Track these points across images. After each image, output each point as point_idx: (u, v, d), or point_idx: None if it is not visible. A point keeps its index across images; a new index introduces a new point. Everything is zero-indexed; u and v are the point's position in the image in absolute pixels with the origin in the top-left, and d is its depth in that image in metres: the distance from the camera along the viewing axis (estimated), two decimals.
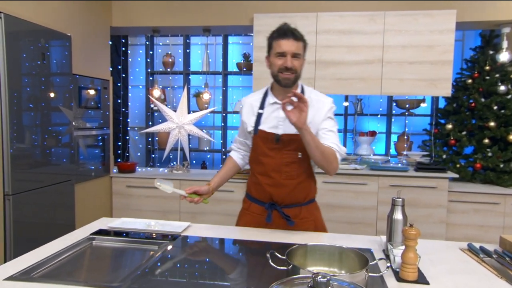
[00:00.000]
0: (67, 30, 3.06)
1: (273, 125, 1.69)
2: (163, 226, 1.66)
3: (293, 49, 1.57)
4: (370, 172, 3.35)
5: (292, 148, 1.66)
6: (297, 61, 1.60)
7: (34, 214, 2.71)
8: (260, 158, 1.70)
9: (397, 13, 3.31)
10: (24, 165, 2.63)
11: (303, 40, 1.63)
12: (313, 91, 1.77)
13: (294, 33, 1.58)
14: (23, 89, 2.59)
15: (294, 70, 1.60)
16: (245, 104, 1.82)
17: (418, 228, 1.19)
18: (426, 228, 3.30)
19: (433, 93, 3.35)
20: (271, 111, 1.71)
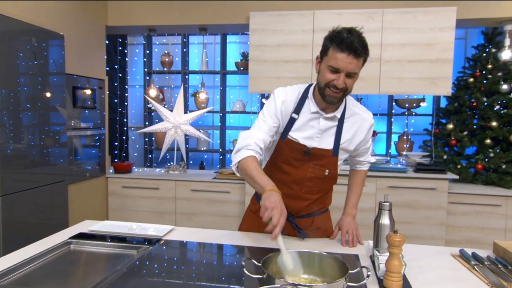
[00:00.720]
0: (60, 30, 3.03)
1: (308, 136, 1.51)
2: (146, 229, 1.61)
3: (350, 68, 1.33)
4: (368, 173, 3.26)
5: (321, 163, 1.52)
6: (350, 80, 1.37)
7: (25, 215, 2.68)
8: (281, 165, 1.55)
9: (395, 11, 3.24)
10: (15, 165, 2.60)
11: (366, 54, 1.37)
12: (356, 105, 1.57)
13: (356, 49, 1.31)
14: (15, 89, 2.57)
15: (344, 89, 1.38)
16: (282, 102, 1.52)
17: (402, 235, 1.13)
18: (426, 230, 3.22)
19: (433, 92, 3.28)
20: (308, 119, 1.50)
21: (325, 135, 1.52)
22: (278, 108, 1.51)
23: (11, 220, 2.55)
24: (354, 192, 1.73)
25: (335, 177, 1.59)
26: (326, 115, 1.49)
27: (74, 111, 3.28)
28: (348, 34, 1.33)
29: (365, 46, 1.36)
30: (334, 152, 1.53)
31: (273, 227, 1.15)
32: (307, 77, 3.40)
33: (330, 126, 1.52)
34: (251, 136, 1.46)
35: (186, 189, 3.59)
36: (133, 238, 1.50)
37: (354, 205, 1.71)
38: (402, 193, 3.23)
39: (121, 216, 3.74)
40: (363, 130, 1.56)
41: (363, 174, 1.75)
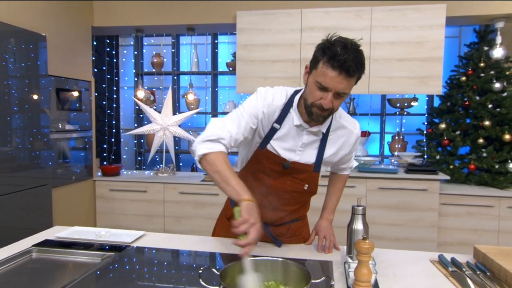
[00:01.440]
0: (44, 30, 2.98)
1: (289, 147, 1.38)
2: (115, 235, 1.56)
3: (339, 88, 1.19)
4: (358, 174, 3.22)
5: (300, 178, 1.42)
6: (338, 101, 1.24)
7: (6, 219, 2.63)
8: (259, 175, 1.44)
9: (384, 8, 3.18)
10: None
11: (361, 72, 1.22)
12: (342, 116, 1.43)
13: (349, 68, 1.15)
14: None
15: (331, 110, 1.26)
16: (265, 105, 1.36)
17: (371, 242, 1.07)
18: (417, 232, 3.16)
19: (423, 91, 3.21)
20: (290, 131, 1.37)
21: (307, 149, 1.41)
22: (260, 110, 1.35)
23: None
24: (333, 196, 1.65)
25: (315, 191, 1.51)
26: (311, 128, 1.37)
27: (58, 113, 3.22)
28: (342, 50, 1.16)
29: (361, 64, 1.20)
30: (315, 167, 1.42)
31: (247, 245, 1.03)
32: (296, 77, 3.34)
33: (313, 140, 1.40)
34: (226, 128, 1.30)
35: (174, 192, 3.53)
36: (100, 245, 1.45)
37: (332, 210, 1.64)
38: (392, 194, 3.17)
39: (109, 220, 3.69)
40: (349, 144, 1.46)
41: (344, 179, 1.67)
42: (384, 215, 3.19)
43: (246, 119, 1.34)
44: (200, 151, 1.25)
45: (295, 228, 1.58)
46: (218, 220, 1.68)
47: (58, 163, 3.28)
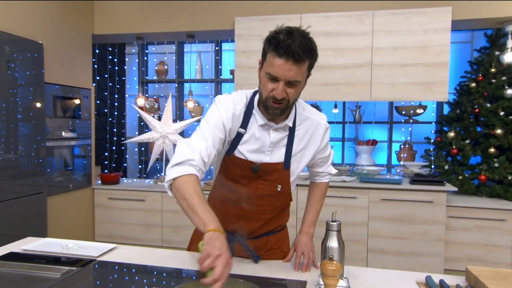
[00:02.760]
0: (42, 38, 2.99)
1: (257, 149, 1.31)
2: (83, 248, 1.48)
3: (289, 76, 1.14)
4: (360, 185, 3.08)
5: (271, 179, 1.34)
6: (292, 90, 1.18)
7: None
8: (228, 183, 1.37)
9: (386, 12, 3.06)
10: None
11: (311, 58, 1.15)
12: (306, 108, 1.39)
13: (294, 53, 1.10)
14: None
15: (285, 100, 1.20)
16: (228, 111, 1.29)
17: (338, 263, 0.95)
18: (423, 246, 2.98)
19: (428, 98, 3.06)
20: (256, 132, 1.31)
21: (277, 148, 1.34)
22: (224, 118, 1.28)
23: None
24: (312, 208, 1.53)
25: (289, 192, 1.41)
26: (276, 125, 1.31)
27: (56, 121, 3.22)
28: (286, 36, 1.12)
29: (308, 49, 1.13)
30: (285, 165, 1.34)
31: (214, 281, 0.91)
32: None
33: (281, 137, 1.34)
34: (194, 148, 1.19)
35: (172, 201, 3.46)
36: (66, 258, 1.37)
37: (312, 223, 1.51)
38: (396, 206, 3.01)
39: (107, 229, 3.65)
40: (318, 136, 1.39)
41: (323, 188, 1.56)
42: (388, 228, 3.03)
43: (213, 131, 1.26)
44: (167, 177, 1.16)
45: (274, 241, 1.48)
46: (193, 233, 1.59)
47: (56, 171, 3.26)
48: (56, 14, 3.23)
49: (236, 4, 3.39)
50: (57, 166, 3.28)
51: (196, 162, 1.17)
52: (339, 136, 4.20)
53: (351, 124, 4.18)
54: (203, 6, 3.48)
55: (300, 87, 1.21)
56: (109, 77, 4.15)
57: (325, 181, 1.55)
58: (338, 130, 4.17)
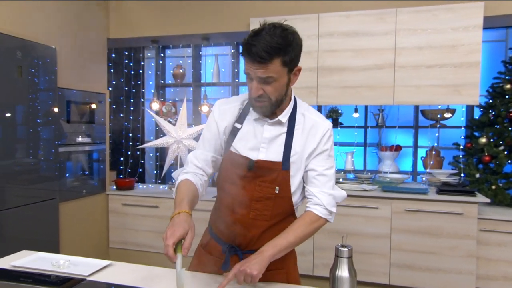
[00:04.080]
0: (56, 43, 2.96)
1: (252, 145, 1.28)
2: (75, 265, 1.39)
3: (259, 74, 1.15)
4: (382, 194, 2.88)
5: (268, 179, 1.25)
6: (269, 86, 1.17)
7: (12, 233, 2.58)
8: (225, 186, 1.31)
9: (411, 10, 2.86)
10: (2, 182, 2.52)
11: (282, 54, 1.14)
12: (309, 110, 1.34)
13: (256, 56, 1.12)
14: None
15: (265, 98, 1.19)
16: (220, 110, 1.35)
17: None
18: (452, 262, 2.75)
19: (457, 101, 2.84)
20: (252, 127, 1.30)
21: (273, 145, 1.29)
22: (217, 118, 1.35)
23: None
24: (285, 232, 1.23)
25: (289, 197, 1.27)
26: (271, 120, 1.29)
27: (69, 126, 3.19)
28: (251, 38, 1.15)
29: (275, 48, 1.12)
30: (284, 165, 1.25)
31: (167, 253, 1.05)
32: (313, 86, 3.09)
33: (277, 133, 1.29)
34: (190, 157, 1.36)
35: None
36: (53, 277, 1.28)
37: (274, 246, 1.18)
38: (422, 217, 2.79)
39: (121, 236, 3.59)
40: (316, 136, 1.29)
41: (307, 218, 1.25)
42: (412, 241, 2.82)
43: (206, 135, 1.36)
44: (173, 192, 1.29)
45: (278, 259, 1.31)
46: (196, 250, 1.47)
47: (70, 177, 3.23)
48: (70, 19, 3.21)
49: (251, 4, 3.27)
50: (72, 171, 3.25)
51: (190, 169, 1.32)
52: (360, 141, 4.00)
53: (373, 129, 3.97)
54: (217, 7, 3.39)
55: (279, 83, 1.19)
56: (125, 82, 4.12)
57: (314, 211, 1.26)
58: (360, 134, 3.97)
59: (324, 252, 2.96)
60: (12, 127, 2.62)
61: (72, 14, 3.23)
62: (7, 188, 2.57)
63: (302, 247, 1.48)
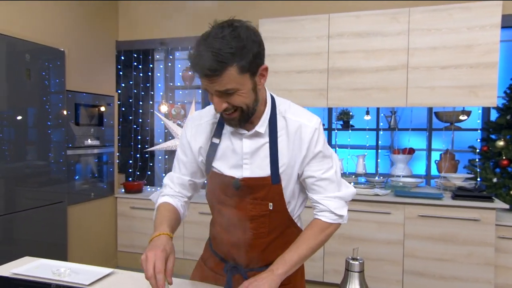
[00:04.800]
0: (65, 46, 2.96)
1: (235, 163, 1.16)
2: (76, 273, 1.35)
3: (216, 88, 1.00)
4: (394, 199, 2.79)
5: (260, 196, 1.14)
6: (232, 97, 1.02)
7: (21, 236, 2.58)
8: (215, 206, 1.24)
9: (425, 9, 2.77)
10: (10, 185, 2.52)
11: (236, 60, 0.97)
12: (291, 108, 1.19)
13: (204, 72, 0.97)
14: (8, 108, 2.49)
15: (233, 109, 1.05)
16: (192, 129, 1.23)
17: None
18: (468, 270, 2.65)
19: (473, 103, 2.74)
20: (230, 142, 1.17)
21: (256, 159, 1.15)
22: (189, 138, 1.23)
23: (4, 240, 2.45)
24: (294, 245, 1.15)
25: (285, 210, 1.18)
26: (248, 132, 1.15)
27: (78, 129, 3.18)
28: (195, 51, 0.98)
29: (224, 58, 0.95)
30: (273, 179, 1.13)
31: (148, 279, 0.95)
32: (323, 88, 3.02)
33: (259, 145, 1.15)
34: (166, 181, 1.29)
35: (194, 212, 3.33)
36: (56, 286, 1.24)
37: (285, 262, 1.10)
38: (436, 223, 2.70)
39: (129, 239, 3.57)
40: (303, 141, 1.13)
41: (316, 227, 1.17)
42: (426, 248, 2.72)
43: (180, 157, 1.26)
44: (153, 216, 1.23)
45: None
46: (197, 263, 1.42)
47: (79, 180, 3.22)
48: (79, 22, 3.21)
49: (260, 5, 3.23)
50: (80, 174, 3.25)
51: (166, 191, 1.27)
52: (372, 144, 3.91)
53: (385, 131, 3.88)
54: (226, 8, 3.35)
55: (244, 91, 1.02)
56: (134, 84, 4.11)
57: (322, 218, 1.17)
58: (371, 137, 3.88)
59: (335, 258, 2.89)
60: (22, 130, 2.62)
61: (81, 17, 3.22)
62: (17, 190, 2.57)
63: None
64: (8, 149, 2.52)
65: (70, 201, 3.07)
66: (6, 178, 2.51)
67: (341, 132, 3.69)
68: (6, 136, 2.50)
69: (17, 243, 2.58)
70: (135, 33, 3.64)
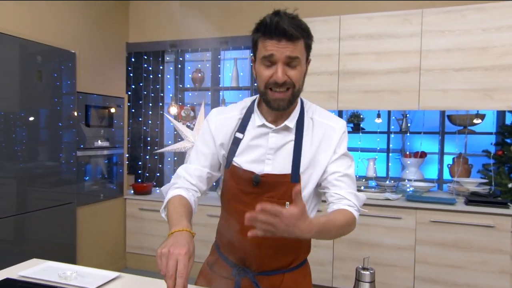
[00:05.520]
0: (75, 48, 2.98)
1: (256, 158, 1.16)
2: (82, 277, 1.34)
3: (287, 53, 1.04)
4: (405, 204, 2.74)
5: (277, 194, 1.14)
6: (293, 71, 1.07)
7: (30, 237, 2.60)
8: (230, 204, 1.22)
9: (438, 10, 2.72)
10: (20, 187, 2.54)
11: (305, 36, 1.08)
12: (318, 111, 1.23)
13: (286, 31, 1.02)
14: (19, 109, 2.51)
15: (289, 85, 1.08)
16: (216, 122, 1.23)
17: None
18: (482, 278, 2.58)
19: (487, 106, 2.67)
20: (255, 136, 1.18)
21: (280, 155, 1.16)
22: (213, 131, 1.22)
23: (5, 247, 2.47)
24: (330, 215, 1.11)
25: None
26: (276, 127, 1.17)
27: (88, 130, 3.19)
28: (273, 17, 1.06)
29: (300, 27, 1.07)
30: (293, 176, 1.13)
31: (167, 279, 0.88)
32: (333, 91, 2.99)
33: (284, 142, 1.17)
34: (181, 172, 1.23)
35: (202, 214, 3.32)
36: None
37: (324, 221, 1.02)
38: (448, 229, 2.64)
39: (138, 241, 3.58)
40: (330, 142, 1.17)
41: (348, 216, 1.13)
42: (438, 254, 2.66)
43: (200, 149, 1.24)
44: (162, 207, 1.18)
45: (291, 280, 1.22)
46: (202, 267, 1.39)
47: (88, 181, 3.24)
48: (89, 24, 3.23)
49: (270, 6, 3.20)
50: (90, 175, 3.26)
51: (179, 184, 1.19)
52: (383, 147, 3.85)
53: (396, 134, 3.82)
54: (235, 10, 3.34)
55: (302, 68, 1.10)
56: (144, 86, 4.12)
57: (345, 207, 1.14)
58: (382, 140, 3.83)
59: (344, 263, 2.84)
60: (34, 131, 2.64)
61: (92, 19, 3.24)
62: (28, 191, 2.59)
63: (321, 257, 1.41)
64: (20, 149, 2.54)
65: (80, 202, 3.08)
66: (18, 178, 2.53)
67: (351, 135, 3.64)
68: (18, 137, 2.53)
69: (27, 243, 2.60)
70: (145, 35, 3.65)
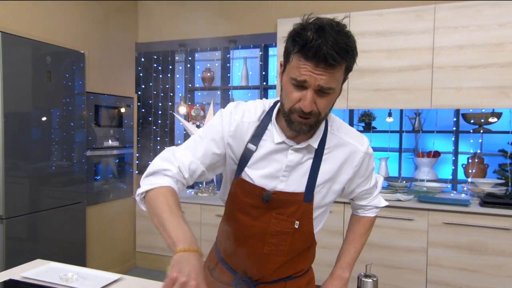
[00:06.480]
0: (84, 48, 3.00)
1: (270, 173, 1.07)
2: (84, 278, 1.34)
3: (321, 83, 0.90)
4: (418, 205, 2.67)
5: (287, 212, 1.07)
6: (323, 100, 0.94)
7: (40, 237, 2.62)
8: (236, 214, 1.13)
9: (451, 6, 2.64)
10: (29, 186, 2.57)
11: (348, 59, 0.93)
12: (342, 128, 1.12)
13: (327, 57, 0.87)
14: (30, 109, 2.54)
15: (314, 114, 0.96)
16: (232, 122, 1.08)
17: None
18: (498, 283, 2.50)
19: (503, 104, 2.59)
20: (271, 151, 1.07)
21: (296, 173, 1.07)
22: (226, 132, 1.07)
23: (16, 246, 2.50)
24: (351, 245, 1.25)
25: (311, 232, 1.12)
26: (297, 145, 1.06)
27: (98, 130, 3.22)
28: (315, 34, 0.87)
29: (345, 50, 0.89)
30: (306, 196, 1.07)
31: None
32: (343, 89, 2.92)
33: (302, 160, 1.07)
34: (174, 157, 1.03)
35: (211, 214, 3.31)
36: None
37: (349, 265, 1.23)
38: (462, 231, 2.56)
39: (147, 240, 3.59)
40: (352, 165, 1.11)
41: (367, 223, 1.28)
42: (452, 257, 2.59)
43: (206, 143, 1.07)
44: (140, 189, 1.00)
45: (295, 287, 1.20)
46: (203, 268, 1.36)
47: (98, 180, 3.26)
48: (99, 24, 3.24)
49: (279, 4, 3.17)
50: (100, 175, 3.28)
51: (173, 173, 1.01)
52: (395, 147, 3.77)
53: (409, 134, 3.73)
54: (244, 9, 3.32)
55: (334, 96, 0.97)
56: (154, 85, 4.13)
57: (370, 215, 1.27)
58: (394, 140, 3.75)
59: None
60: (46, 131, 2.67)
61: (101, 20, 3.26)
62: (40, 190, 2.62)
63: (329, 258, 1.39)
64: (33, 149, 2.57)
65: (90, 201, 3.10)
66: (31, 177, 2.57)
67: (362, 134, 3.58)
68: (31, 136, 2.56)
69: (39, 242, 2.63)
70: (155, 35, 3.66)
